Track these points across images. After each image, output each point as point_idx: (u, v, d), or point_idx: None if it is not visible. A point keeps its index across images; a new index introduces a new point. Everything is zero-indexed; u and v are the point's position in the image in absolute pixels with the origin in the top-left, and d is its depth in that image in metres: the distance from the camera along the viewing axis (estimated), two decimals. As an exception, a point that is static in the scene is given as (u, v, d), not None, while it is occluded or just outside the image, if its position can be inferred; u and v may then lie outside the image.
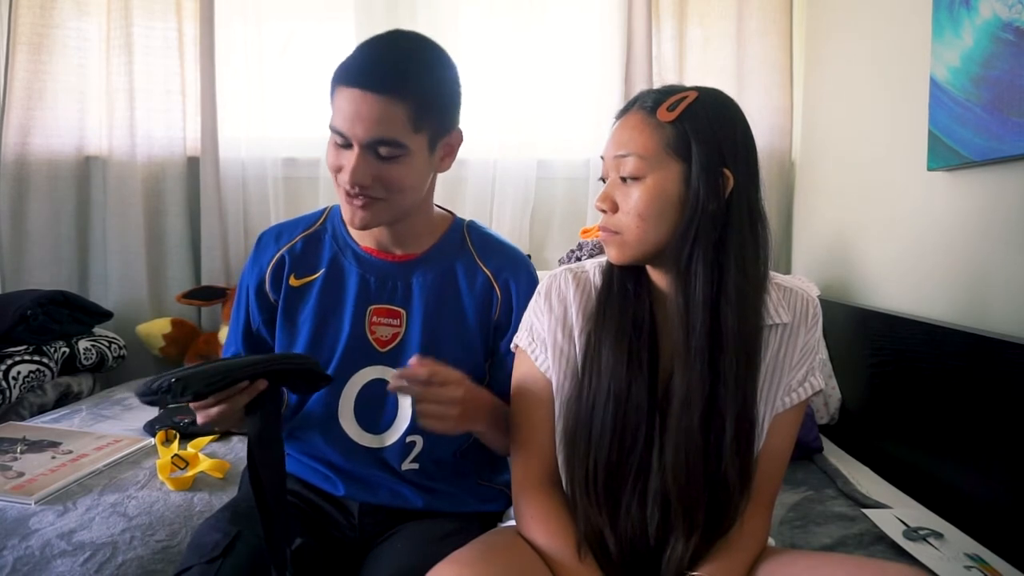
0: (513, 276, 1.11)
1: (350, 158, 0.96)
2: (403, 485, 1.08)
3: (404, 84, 0.95)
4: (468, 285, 1.10)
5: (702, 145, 0.84)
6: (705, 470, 0.85)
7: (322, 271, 1.10)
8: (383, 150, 0.96)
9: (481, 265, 1.11)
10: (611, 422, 0.87)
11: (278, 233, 1.14)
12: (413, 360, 0.89)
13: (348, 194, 0.98)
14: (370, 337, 1.07)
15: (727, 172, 0.85)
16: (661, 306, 0.91)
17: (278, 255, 1.10)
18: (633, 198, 0.86)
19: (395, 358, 1.07)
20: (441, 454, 1.10)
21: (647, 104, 0.88)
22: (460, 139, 1.08)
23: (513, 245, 1.16)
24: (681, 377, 0.86)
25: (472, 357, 1.09)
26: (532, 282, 1.11)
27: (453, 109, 1.05)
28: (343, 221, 1.11)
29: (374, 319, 1.07)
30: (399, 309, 1.08)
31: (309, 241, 1.12)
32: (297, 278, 1.10)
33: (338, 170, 0.98)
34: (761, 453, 0.91)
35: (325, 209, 1.16)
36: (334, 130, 0.97)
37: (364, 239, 1.10)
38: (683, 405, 0.86)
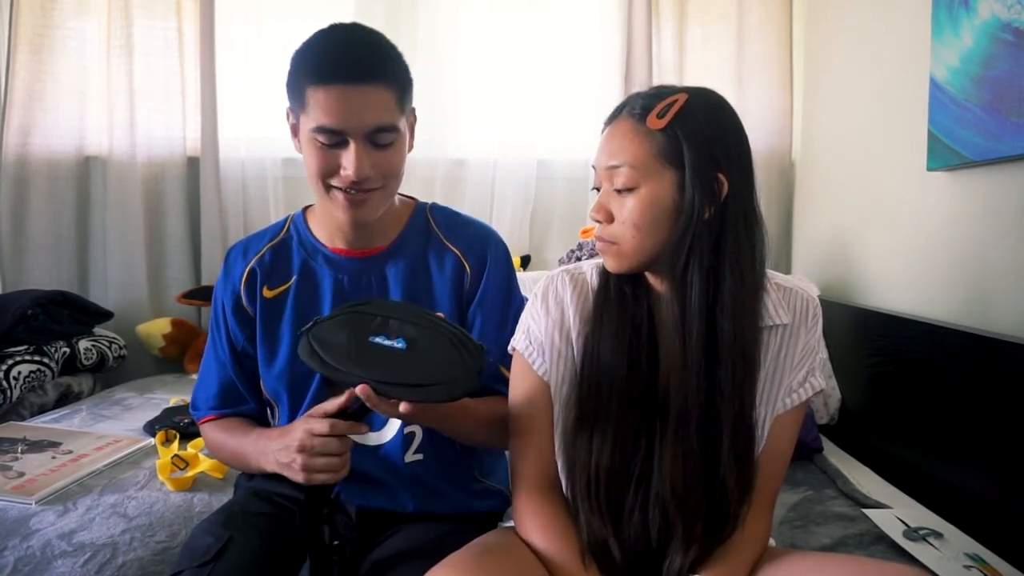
0: (490, 250, 1.11)
1: (348, 155, 0.95)
2: (400, 487, 1.07)
3: (386, 69, 0.97)
4: (439, 269, 1.09)
5: (694, 151, 0.83)
6: (703, 479, 0.85)
7: (294, 278, 1.09)
8: (382, 137, 0.97)
9: (449, 246, 1.10)
10: (612, 427, 0.87)
11: (245, 247, 1.13)
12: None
13: (347, 193, 0.98)
14: None
15: (721, 176, 0.84)
16: (660, 308, 0.91)
17: (248, 268, 1.09)
18: (628, 208, 0.85)
19: None
20: (442, 442, 1.09)
21: (635, 111, 0.86)
22: (415, 120, 1.08)
23: (478, 220, 1.17)
24: (677, 387, 0.86)
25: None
26: (505, 252, 1.13)
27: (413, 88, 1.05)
28: (307, 226, 1.11)
29: None
30: None
31: (277, 251, 1.11)
32: (270, 289, 1.09)
33: (332, 172, 0.97)
34: (762, 454, 0.91)
35: (287, 218, 1.15)
36: (323, 130, 0.95)
37: (332, 240, 1.09)
38: (679, 415, 0.85)
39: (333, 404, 0.89)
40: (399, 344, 0.85)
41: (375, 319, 0.86)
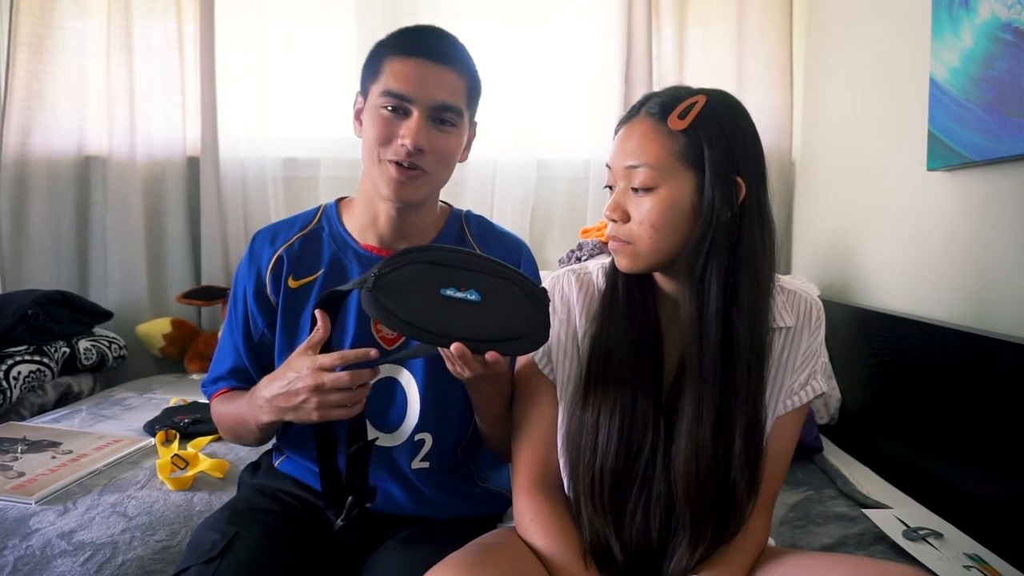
0: (523, 261, 1.13)
1: (409, 124, 0.97)
2: (403, 492, 1.07)
3: (465, 61, 1.03)
4: None
5: (715, 153, 0.83)
6: (714, 480, 0.85)
7: (322, 271, 1.08)
8: (445, 115, 0.99)
9: None
10: (617, 430, 0.87)
11: (273, 233, 1.11)
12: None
13: (400, 164, 0.98)
14: (376, 336, 1.06)
15: (739, 179, 0.84)
16: (666, 311, 0.91)
17: (276, 255, 1.08)
18: (645, 209, 0.84)
19: None
20: (447, 451, 1.09)
21: (654, 110, 0.86)
22: (475, 134, 1.11)
23: (511, 233, 1.18)
24: (693, 389, 0.85)
25: None
26: (535, 264, 1.15)
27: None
28: (340, 219, 1.11)
29: None
30: None
31: (307, 240, 1.10)
32: (296, 279, 1.08)
33: (389, 139, 0.98)
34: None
35: (319, 207, 1.14)
36: (391, 94, 0.97)
37: (364, 236, 1.08)
38: (694, 417, 0.85)
39: (317, 336, 0.91)
40: (473, 296, 0.82)
41: (441, 269, 0.83)
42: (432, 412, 1.07)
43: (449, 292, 0.82)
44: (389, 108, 0.98)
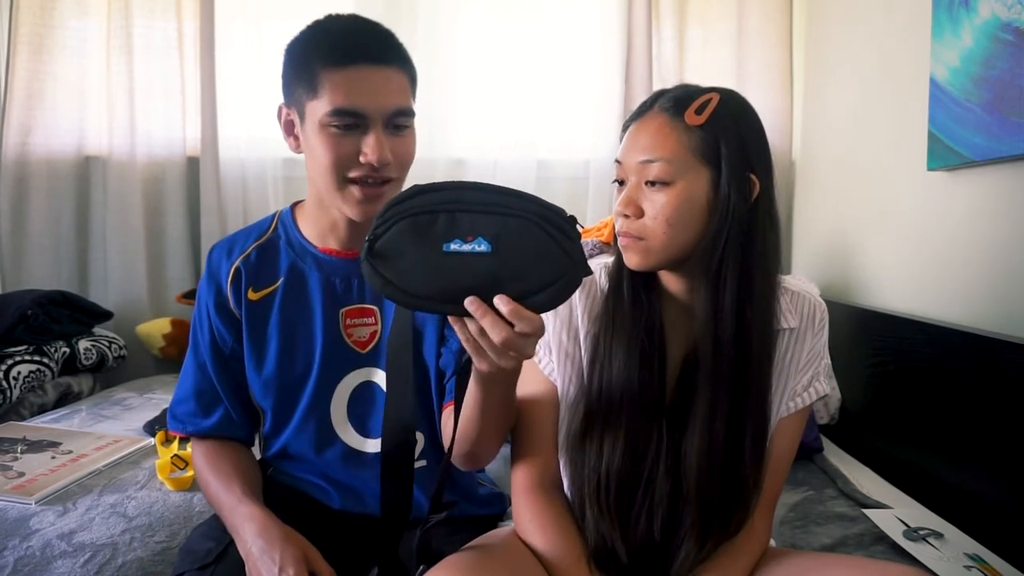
0: None
1: (369, 141, 0.91)
2: None
3: (401, 53, 0.96)
4: None
5: (731, 150, 0.82)
6: (723, 475, 0.85)
7: (281, 280, 1.04)
8: (401, 120, 0.94)
9: None
10: (624, 431, 0.87)
11: (230, 246, 1.07)
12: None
13: (364, 185, 0.94)
14: (348, 340, 1.03)
15: (753, 177, 0.84)
16: (670, 310, 0.91)
17: (234, 268, 1.04)
18: (660, 204, 0.83)
19: (377, 358, 1.04)
20: (441, 447, 1.08)
21: (667, 106, 0.85)
22: None
23: None
24: (706, 386, 0.85)
25: (449, 343, 1.05)
26: None
27: None
28: (296, 225, 1.07)
29: (348, 321, 1.03)
30: (371, 307, 1.04)
31: (263, 250, 1.06)
32: (256, 291, 1.04)
33: (350, 161, 0.92)
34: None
35: (274, 215, 1.10)
36: (342, 112, 0.90)
37: (324, 240, 1.04)
38: (707, 415, 0.85)
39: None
40: (481, 247, 0.70)
41: (437, 217, 0.70)
42: (417, 409, 1.03)
43: (454, 246, 0.70)
44: (341, 127, 0.91)
